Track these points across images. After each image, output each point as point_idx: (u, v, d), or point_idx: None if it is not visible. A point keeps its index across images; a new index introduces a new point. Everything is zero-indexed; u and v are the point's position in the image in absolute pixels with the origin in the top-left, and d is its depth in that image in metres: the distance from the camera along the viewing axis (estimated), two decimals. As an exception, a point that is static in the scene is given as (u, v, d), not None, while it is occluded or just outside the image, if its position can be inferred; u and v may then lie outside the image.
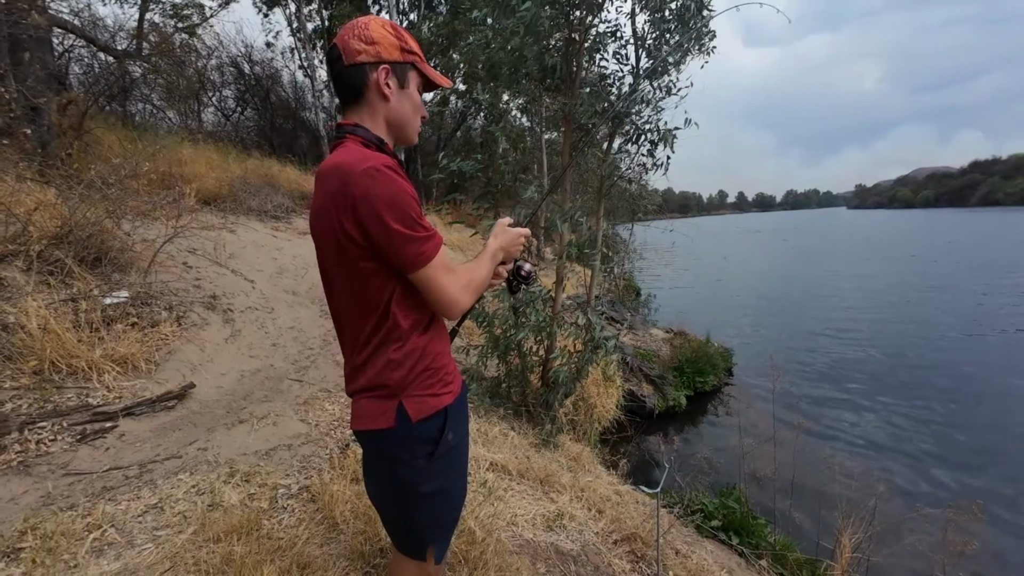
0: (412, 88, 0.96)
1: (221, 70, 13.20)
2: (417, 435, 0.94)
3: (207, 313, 3.85)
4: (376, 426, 0.94)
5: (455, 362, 1.12)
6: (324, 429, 2.78)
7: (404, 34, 0.93)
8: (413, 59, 0.94)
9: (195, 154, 7.26)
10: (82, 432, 2.33)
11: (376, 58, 0.89)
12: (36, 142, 4.80)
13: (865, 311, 11.63)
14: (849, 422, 5.97)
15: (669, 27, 3.25)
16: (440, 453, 0.96)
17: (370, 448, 1.01)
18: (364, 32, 0.89)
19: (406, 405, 0.92)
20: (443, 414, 0.97)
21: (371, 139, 0.91)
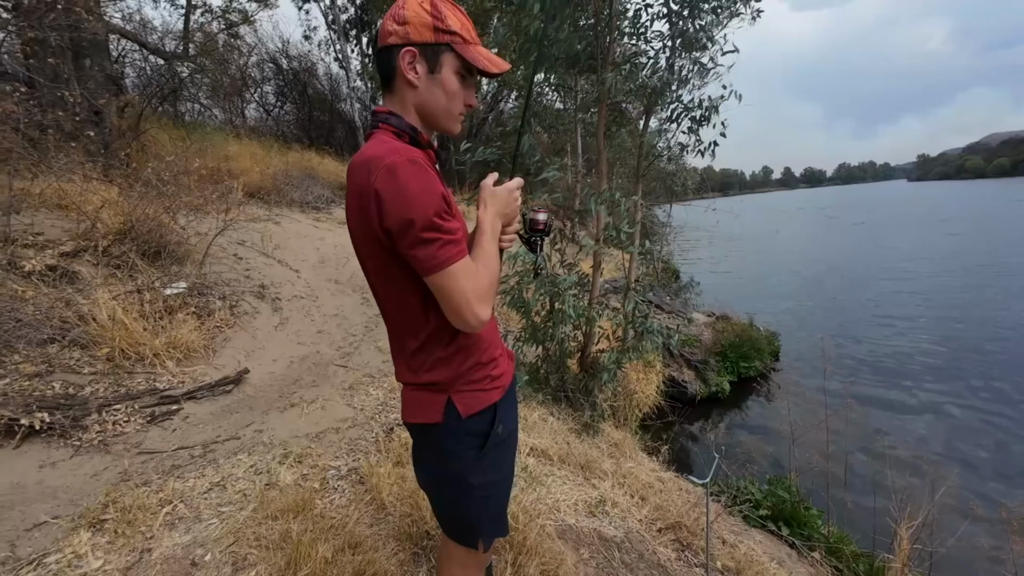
0: (446, 73, 0.84)
1: (261, 67, 13.65)
2: (467, 429, 0.93)
3: (257, 302, 4.04)
4: (425, 420, 0.93)
5: (505, 345, 1.10)
6: (369, 413, 2.87)
7: (446, 10, 0.82)
8: (450, 39, 0.82)
9: (240, 149, 7.57)
10: (151, 414, 2.51)
11: (404, 39, 0.81)
12: (99, 143, 5.13)
13: (926, 294, 10.81)
14: (906, 411, 5.60)
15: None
16: (490, 447, 0.95)
17: (419, 440, 1.01)
18: (399, 11, 0.82)
19: (455, 401, 0.91)
20: (492, 409, 0.96)
21: (404, 128, 0.86)
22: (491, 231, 0.92)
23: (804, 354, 7.48)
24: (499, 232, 0.94)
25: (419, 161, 0.79)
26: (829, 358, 5.94)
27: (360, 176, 0.79)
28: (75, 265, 3.25)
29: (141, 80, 9.11)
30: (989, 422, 5.18)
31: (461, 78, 0.86)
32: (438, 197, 0.79)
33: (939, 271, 12.86)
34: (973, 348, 7.30)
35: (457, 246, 0.80)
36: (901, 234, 22.10)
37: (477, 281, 0.82)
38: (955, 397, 5.82)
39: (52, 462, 2.08)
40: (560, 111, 4.80)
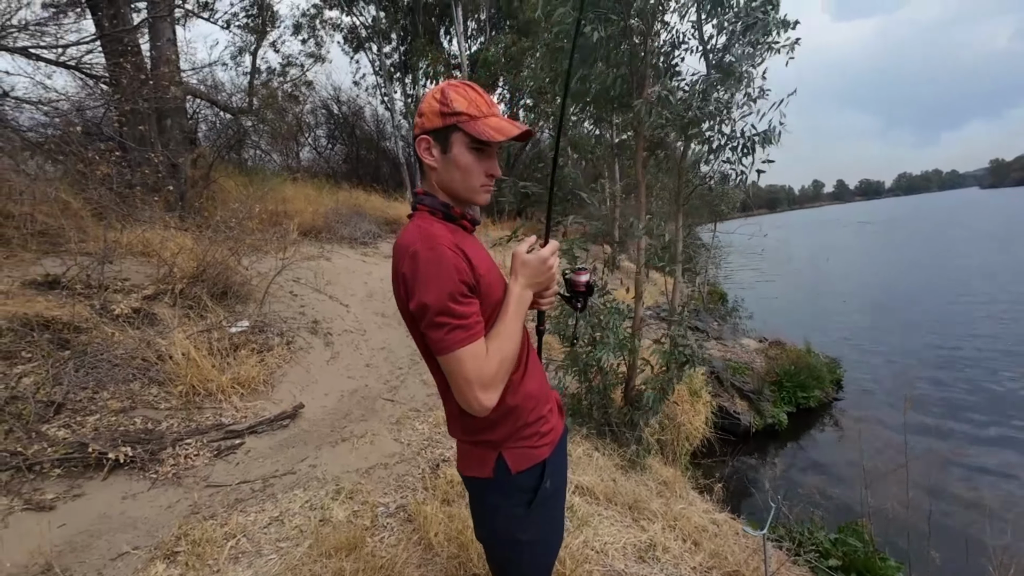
0: (457, 150, 0.90)
1: (315, 113, 14.81)
2: (516, 485, 0.96)
3: (311, 337, 4.26)
4: (476, 474, 0.98)
5: (557, 397, 1.13)
6: (415, 448, 2.93)
7: (452, 95, 0.88)
8: (455, 120, 0.88)
9: (295, 191, 8.14)
10: (218, 448, 2.68)
11: (421, 129, 0.91)
12: (177, 195, 5.70)
13: (1005, 317, 9.80)
14: (998, 450, 5.03)
15: (736, 29, 3.07)
16: (538, 502, 0.97)
17: (472, 492, 1.05)
18: (420, 107, 0.92)
19: (506, 457, 0.95)
20: (542, 465, 0.98)
21: (436, 207, 0.94)
22: (517, 304, 0.93)
23: (871, 384, 6.95)
24: (527, 304, 0.96)
25: (440, 247, 0.83)
26: (908, 391, 5.47)
27: (396, 259, 0.88)
28: (155, 307, 3.58)
29: (211, 133, 10.11)
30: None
31: (476, 152, 0.91)
32: (454, 282, 0.82)
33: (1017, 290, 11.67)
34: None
35: (467, 331, 0.83)
36: (972, 247, 20.30)
37: (484, 367, 0.83)
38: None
39: (133, 494, 2.27)
40: (599, 137, 4.87)
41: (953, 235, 26.14)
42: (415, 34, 13.77)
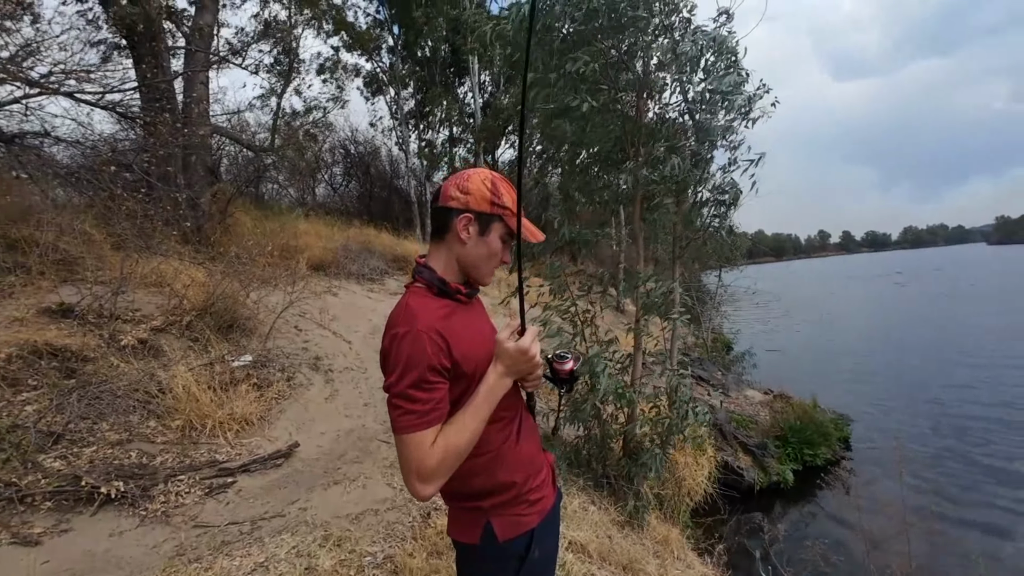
0: (492, 237, 1.00)
1: (332, 151, 15.43)
2: (503, 552, 0.98)
3: (312, 374, 4.29)
4: (464, 539, 1.00)
5: (552, 462, 1.14)
6: (408, 495, 2.89)
7: (502, 189, 1.00)
8: (502, 212, 0.99)
9: (308, 226, 8.39)
10: (209, 486, 2.67)
11: (464, 206, 0.98)
12: (194, 227, 5.91)
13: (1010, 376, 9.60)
14: (999, 511, 4.83)
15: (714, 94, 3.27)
16: (525, 570, 0.98)
17: (459, 555, 1.06)
18: (464, 183, 0.99)
19: (493, 524, 0.97)
20: (529, 534, 1.00)
21: (433, 282, 0.99)
22: (488, 392, 0.93)
23: (880, 443, 6.76)
24: (501, 392, 0.95)
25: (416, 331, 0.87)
26: (905, 456, 5.33)
27: (385, 328, 0.93)
28: (161, 339, 3.66)
29: (233, 168, 10.56)
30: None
31: (503, 241, 1.02)
32: (421, 368, 0.85)
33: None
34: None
35: (419, 417, 0.84)
36: (984, 306, 20.13)
37: (425, 458, 0.84)
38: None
39: (120, 531, 2.25)
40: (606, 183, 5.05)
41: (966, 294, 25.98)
42: (431, 83, 14.52)
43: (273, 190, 12.80)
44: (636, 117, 3.43)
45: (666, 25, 3.26)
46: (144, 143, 4.90)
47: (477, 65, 14.32)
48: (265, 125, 10.92)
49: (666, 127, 3.46)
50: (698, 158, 3.23)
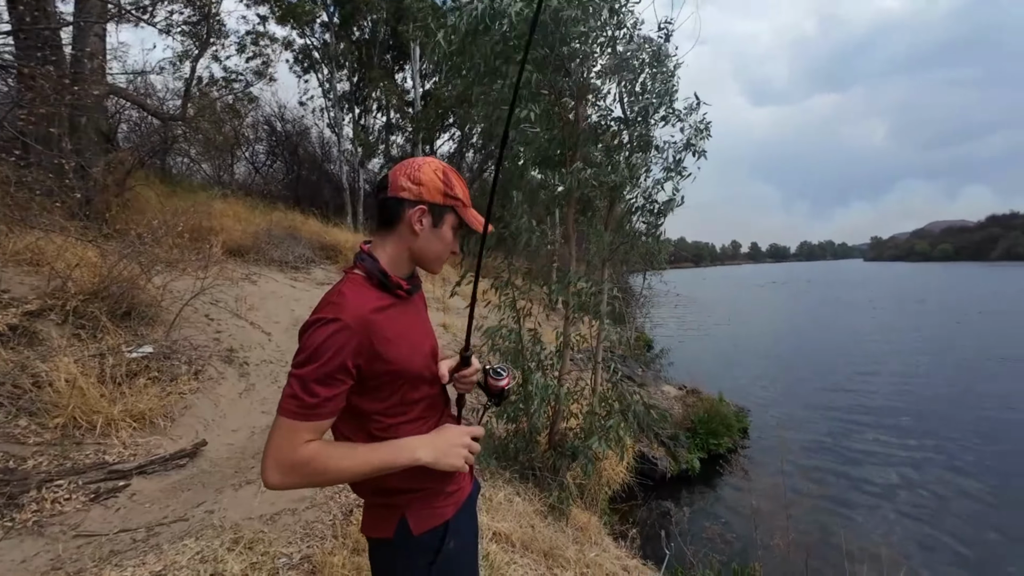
0: (445, 228, 1.00)
1: (255, 127, 14.20)
2: (417, 546, 0.96)
3: (224, 367, 3.97)
4: (378, 535, 0.98)
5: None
6: (328, 492, 2.78)
7: (453, 180, 0.99)
8: (454, 203, 0.99)
9: (225, 207, 7.70)
10: (96, 491, 2.39)
11: (416, 197, 0.96)
12: (81, 199, 5.19)
13: (889, 371, 11.28)
14: (867, 487, 5.69)
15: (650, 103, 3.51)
16: (440, 562, 0.97)
17: (372, 553, 1.03)
18: (415, 173, 0.96)
19: (408, 518, 0.96)
20: (444, 526, 0.99)
21: (374, 272, 0.96)
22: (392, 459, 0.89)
23: (772, 431, 7.59)
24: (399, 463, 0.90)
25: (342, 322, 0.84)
26: (790, 443, 6.06)
27: (315, 308, 0.90)
28: (38, 325, 3.19)
29: (134, 135, 9.38)
30: (945, 504, 5.29)
31: (454, 231, 1.03)
32: (331, 365, 0.82)
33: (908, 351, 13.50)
34: (931, 431, 7.57)
35: (307, 409, 0.81)
36: (861, 314, 23.28)
37: (293, 451, 0.81)
38: (912, 480, 5.95)
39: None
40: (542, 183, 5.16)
41: (851, 301, 29.83)
42: (369, 65, 13.91)
43: (183, 164, 11.57)
44: (575, 122, 3.56)
45: (612, 36, 3.41)
46: (19, 97, 4.20)
47: (418, 52, 13.94)
48: (176, 91, 9.82)
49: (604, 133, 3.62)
50: (632, 165, 3.41)
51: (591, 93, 3.58)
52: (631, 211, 3.61)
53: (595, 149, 3.49)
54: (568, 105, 3.54)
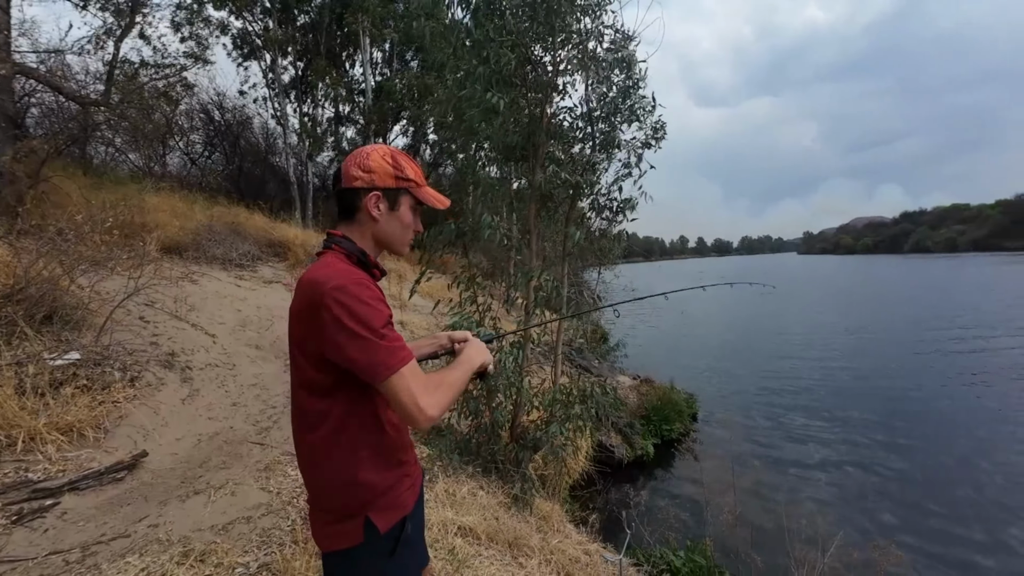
0: (403, 210, 1.04)
1: (190, 115, 13.20)
2: (382, 542, 0.97)
3: (164, 372, 3.71)
4: (345, 545, 0.96)
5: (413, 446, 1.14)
6: (286, 497, 2.68)
7: (403, 162, 1.03)
8: (407, 185, 1.03)
9: (160, 201, 7.14)
10: (18, 512, 2.17)
11: (370, 184, 0.99)
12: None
13: (821, 353, 12.25)
14: (807, 461, 6.19)
15: (616, 104, 3.62)
16: (399, 549, 0.99)
17: (335, 564, 1.00)
18: (364, 161, 1.00)
19: (373, 519, 0.95)
20: (405, 517, 1.01)
21: (354, 251, 1.00)
22: (467, 366, 1.07)
23: (719, 415, 8.06)
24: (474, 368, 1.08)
25: (365, 282, 0.91)
26: (740, 417, 6.46)
27: (307, 295, 0.90)
28: (-60, 332, 2.84)
29: (49, 121, 8.47)
30: (873, 471, 5.86)
31: (413, 211, 1.07)
32: (384, 315, 0.90)
33: (832, 335, 14.69)
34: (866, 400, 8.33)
35: (401, 352, 0.89)
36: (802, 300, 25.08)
37: (423, 384, 0.90)
38: (843, 454, 6.53)
39: None
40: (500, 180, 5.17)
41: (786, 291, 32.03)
42: (315, 53, 13.30)
43: (107, 154, 10.59)
44: (540, 117, 3.59)
45: (589, 30, 3.46)
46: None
47: (368, 42, 13.50)
48: (98, 74, 8.96)
49: (569, 129, 3.68)
50: (592, 163, 3.49)
51: (556, 88, 3.62)
52: (592, 208, 3.70)
53: (558, 145, 3.55)
54: (534, 99, 3.56)
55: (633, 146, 3.59)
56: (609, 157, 3.65)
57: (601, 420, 6.59)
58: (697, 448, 6.76)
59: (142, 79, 9.04)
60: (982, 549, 4.30)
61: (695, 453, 6.59)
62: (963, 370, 10.04)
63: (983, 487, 5.38)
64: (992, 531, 4.53)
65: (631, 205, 3.56)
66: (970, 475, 5.66)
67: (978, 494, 5.24)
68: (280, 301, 6.35)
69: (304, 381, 0.96)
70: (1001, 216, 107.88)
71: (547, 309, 4.40)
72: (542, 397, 4.03)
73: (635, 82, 3.65)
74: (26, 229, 3.89)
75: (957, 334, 13.72)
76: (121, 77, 8.43)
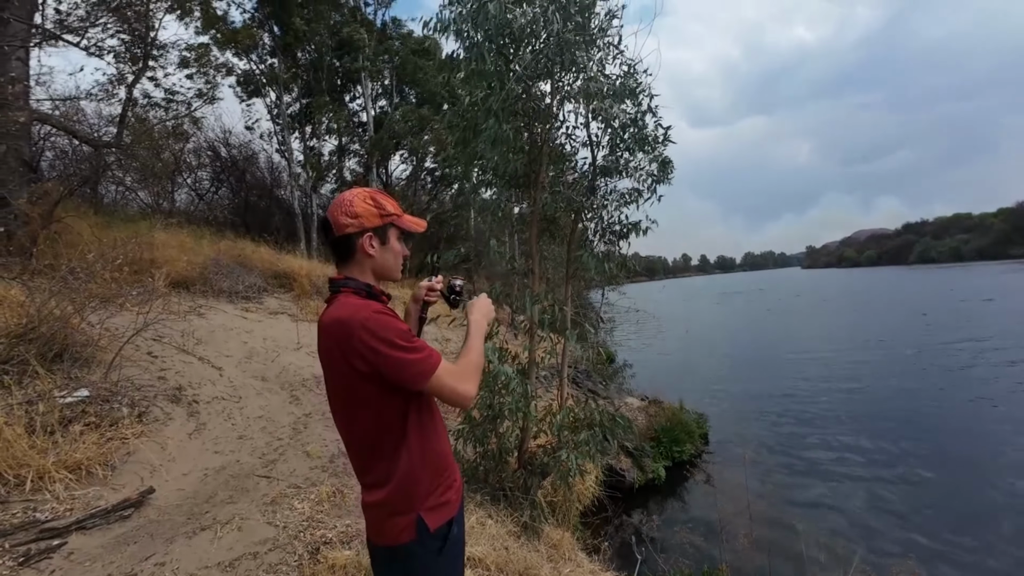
0: (392, 241, 1.19)
1: (198, 153, 13.58)
2: (434, 538, 1.09)
3: (171, 407, 3.72)
4: (400, 541, 1.07)
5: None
6: (293, 532, 2.65)
7: (382, 200, 1.17)
8: (390, 219, 1.17)
9: (168, 237, 7.29)
10: (26, 553, 2.16)
11: (360, 228, 1.13)
12: (2, 234, 4.79)
13: (836, 370, 12.06)
14: (824, 480, 6.04)
15: (620, 133, 3.70)
16: (447, 548, 1.11)
17: (386, 559, 1.12)
18: (349, 208, 1.13)
19: (424, 518, 1.08)
20: (452, 519, 1.13)
21: (361, 287, 1.13)
22: (479, 332, 1.24)
23: (731, 435, 7.91)
24: (484, 332, 1.26)
25: (381, 310, 1.07)
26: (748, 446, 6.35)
27: (336, 333, 1.04)
28: (-47, 374, 2.89)
29: (62, 162, 8.74)
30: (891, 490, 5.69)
31: (400, 241, 1.22)
32: (404, 330, 1.05)
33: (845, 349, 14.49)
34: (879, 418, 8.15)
35: (432, 356, 1.05)
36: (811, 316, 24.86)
37: (457, 371, 1.09)
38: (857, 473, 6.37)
39: None
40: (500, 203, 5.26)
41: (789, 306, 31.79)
42: (318, 90, 13.75)
43: (117, 193, 10.87)
44: (541, 144, 3.68)
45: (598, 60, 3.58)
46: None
47: (368, 81, 13.96)
48: (108, 117, 9.27)
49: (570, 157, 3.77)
50: (592, 188, 3.56)
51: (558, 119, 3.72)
52: (595, 232, 3.75)
53: (560, 171, 3.63)
54: (536, 128, 3.66)
55: (640, 176, 3.65)
56: (609, 182, 3.72)
57: (609, 442, 6.50)
58: (710, 469, 6.62)
59: (152, 121, 9.34)
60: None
61: (708, 475, 6.45)
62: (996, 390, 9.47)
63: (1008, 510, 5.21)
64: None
65: (639, 229, 3.61)
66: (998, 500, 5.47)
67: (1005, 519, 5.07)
68: (286, 332, 6.39)
69: (351, 399, 1.09)
70: (1004, 224, 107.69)
71: (552, 332, 4.41)
72: (549, 421, 4.00)
73: (641, 113, 3.70)
74: (39, 269, 3.99)
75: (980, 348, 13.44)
76: (131, 119, 8.71)
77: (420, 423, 1.11)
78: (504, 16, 3.19)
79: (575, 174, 4.22)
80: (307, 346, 6.05)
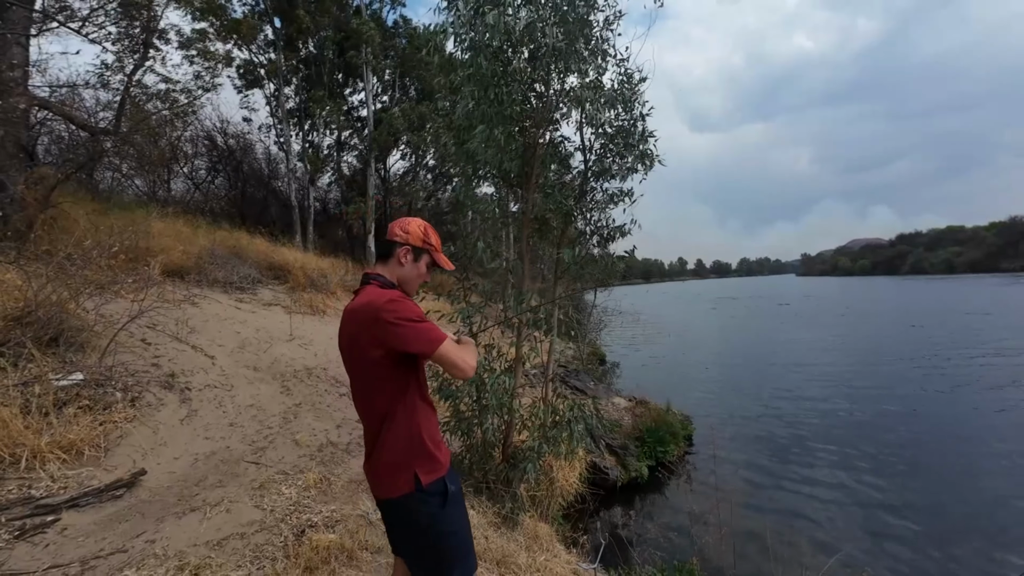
0: (421, 264, 1.48)
1: (194, 142, 13.55)
2: (430, 493, 1.34)
3: (163, 393, 3.81)
4: (401, 492, 1.33)
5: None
6: (279, 515, 2.75)
7: (430, 233, 1.49)
8: (429, 248, 1.49)
9: (164, 226, 7.34)
10: (21, 527, 2.25)
11: (404, 241, 1.45)
12: (1, 218, 4.84)
13: (823, 375, 12.26)
14: (803, 485, 6.18)
15: (612, 139, 3.81)
16: (449, 502, 1.36)
17: (394, 511, 1.40)
18: (406, 225, 1.47)
19: (419, 473, 1.33)
20: (443, 477, 1.38)
21: (388, 283, 1.43)
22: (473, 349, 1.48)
23: (716, 437, 8.04)
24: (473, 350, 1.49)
25: (400, 295, 1.36)
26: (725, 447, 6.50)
27: (366, 313, 1.29)
28: (-49, 354, 2.96)
29: (58, 147, 8.75)
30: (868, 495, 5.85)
31: (428, 268, 1.52)
32: (419, 311, 1.33)
33: (835, 361, 14.72)
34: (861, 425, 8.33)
35: (435, 333, 1.31)
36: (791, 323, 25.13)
37: (460, 348, 1.36)
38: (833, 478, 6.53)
39: None
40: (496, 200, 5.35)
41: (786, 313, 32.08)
42: (318, 84, 13.77)
43: (114, 180, 10.87)
44: (535, 145, 3.78)
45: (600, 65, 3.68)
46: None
47: (369, 72, 13.99)
48: (107, 103, 9.28)
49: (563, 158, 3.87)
50: (583, 191, 3.66)
51: (552, 124, 3.81)
52: (584, 233, 3.86)
53: (552, 172, 3.72)
54: (530, 130, 3.76)
55: (624, 174, 3.75)
56: (602, 185, 3.83)
57: (595, 440, 6.62)
58: (691, 471, 6.76)
59: (150, 109, 9.35)
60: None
61: (689, 475, 6.59)
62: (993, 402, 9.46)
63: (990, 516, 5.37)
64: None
65: (623, 232, 3.73)
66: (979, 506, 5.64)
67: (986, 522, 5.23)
68: (279, 324, 6.47)
69: (373, 373, 1.33)
70: (996, 238, 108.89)
71: (538, 331, 4.52)
72: (532, 418, 4.11)
73: (634, 120, 3.79)
74: (36, 254, 4.05)
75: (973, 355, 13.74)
76: (130, 107, 8.72)
77: (424, 399, 1.40)
78: (502, 23, 3.28)
79: (569, 174, 4.33)
80: (300, 338, 6.14)
